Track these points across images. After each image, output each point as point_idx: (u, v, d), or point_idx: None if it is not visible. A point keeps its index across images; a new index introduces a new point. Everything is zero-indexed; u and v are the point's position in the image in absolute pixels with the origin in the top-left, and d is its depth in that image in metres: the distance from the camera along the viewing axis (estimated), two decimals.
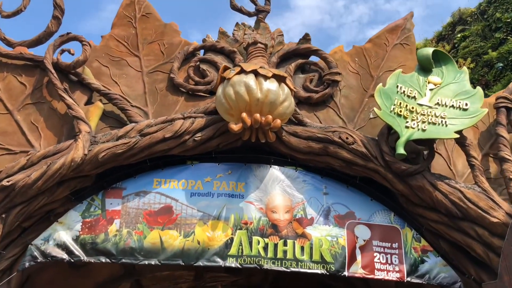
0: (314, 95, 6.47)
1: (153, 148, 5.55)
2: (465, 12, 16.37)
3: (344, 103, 6.58)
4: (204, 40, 6.94)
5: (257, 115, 5.35)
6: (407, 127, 5.58)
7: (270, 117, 5.40)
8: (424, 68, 6.07)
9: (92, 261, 5.21)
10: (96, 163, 5.35)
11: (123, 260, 5.22)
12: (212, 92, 6.24)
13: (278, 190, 5.77)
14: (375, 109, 5.72)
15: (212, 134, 5.69)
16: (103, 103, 6.12)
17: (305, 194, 5.79)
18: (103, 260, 5.21)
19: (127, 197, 5.57)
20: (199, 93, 6.41)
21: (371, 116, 6.45)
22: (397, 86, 5.85)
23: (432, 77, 5.99)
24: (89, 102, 6.14)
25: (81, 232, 5.31)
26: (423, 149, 5.93)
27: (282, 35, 7.03)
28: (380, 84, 5.91)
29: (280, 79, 5.65)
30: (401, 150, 5.36)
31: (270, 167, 5.90)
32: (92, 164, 5.34)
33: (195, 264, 5.27)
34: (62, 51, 6.19)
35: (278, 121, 5.44)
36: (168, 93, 6.42)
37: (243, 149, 5.99)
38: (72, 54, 6.15)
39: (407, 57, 6.97)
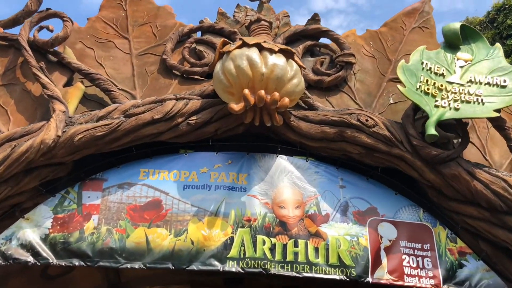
0: (326, 78, 5.68)
1: (140, 132, 4.71)
2: (474, 21, 15.81)
3: (359, 87, 5.80)
4: (201, 22, 6.23)
5: (262, 92, 4.54)
6: (437, 106, 4.78)
7: (277, 94, 4.59)
8: (451, 44, 5.32)
9: (63, 264, 4.30)
10: (72, 148, 4.51)
11: (101, 263, 4.31)
12: (210, 75, 5.44)
13: (287, 182, 4.91)
14: (398, 86, 4.92)
15: (209, 117, 4.87)
16: (86, 86, 5.33)
17: (318, 187, 4.92)
18: (76, 263, 4.30)
19: (109, 189, 4.71)
20: (195, 76, 5.64)
21: (391, 101, 5.65)
22: (422, 63, 5.09)
23: (461, 54, 5.24)
24: (69, 85, 5.34)
25: (51, 230, 4.42)
26: (452, 136, 5.10)
27: (288, 16, 6.32)
28: (403, 61, 5.13)
29: (288, 55, 4.88)
30: (432, 130, 4.54)
31: (277, 156, 5.05)
32: (66, 148, 4.50)
33: (187, 268, 4.35)
34: (40, 28, 5.46)
35: (287, 100, 4.62)
36: (159, 76, 5.65)
37: (245, 137, 5.16)
38: (51, 31, 5.42)
39: (427, 41, 6.21)
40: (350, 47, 5.88)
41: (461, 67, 5.13)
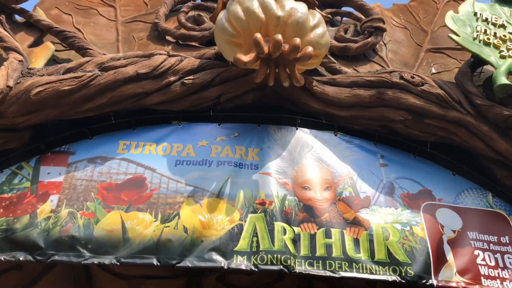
0: (352, 44, 4.67)
1: (120, 90, 3.61)
2: None
3: (393, 58, 4.79)
4: None
5: (278, 36, 3.47)
6: (503, 56, 3.73)
7: (297, 40, 3.52)
8: (505, 0, 4.36)
9: (2, 258, 3.02)
10: (27, 105, 3.39)
11: (56, 258, 3.05)
12: (211, 43, 4.42)
13: (311, 159, 3.74)
14: (451, 35, 3.89)
15: (209, 78, 3.79)
16: (58, 51, 4.29)
17: (353, 164, 3.76)
18: (21, 258, 3.05)
19: (76, 164, 3.53)
20: (192, 43, 4.61)
21: (433, 71, 4.61)
22: (475, 14, 4.09)
23: None
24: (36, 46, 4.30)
25: None
26: None
27: None
28: (451, 11, 4.14)
29: (309, 5, 3.88)
30: (503, 79, 3.47)
31: (297, 129, 3.91)
32: (19, 105, 3.37)
33: (178, 265, 3.07)
34: None
35: (310, 48, 3.56)
36: (149, 43, 4.64)
37: (254, 108, 4.04)
38: None
39: None
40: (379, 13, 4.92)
41: None
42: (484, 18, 4.08)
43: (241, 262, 3.14)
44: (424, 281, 3.19)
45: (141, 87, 3.65)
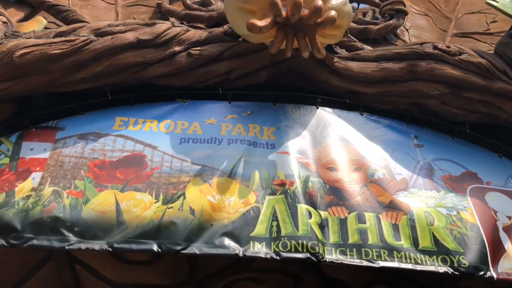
0: (373, 27, 4.29)
1: (118, 58, 3.16)
2: None
3: (417, 42, 4.35)
4: None
5: None
6: None
7: (319, 1, 3.11)
8: None
9: None
10: (9, 69, 2.93)
11: (35, 242, 2.51)
12: (218, 25, 4.01)
13: (335, 139, 3.26)
14: (489, 1, 3.49)
15: (218, 52, 3.36)
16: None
17: (383, 145, 3.28)
18: None
19: (64, 140, 3.04)
20: (198, 24, 4.21)
21: None
22: None
23: None
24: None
25: None
26: None
27: None
28: None
29: None
30: None
31: (317, 108, 3.44)
32: (0, 68, 2.90)
33: (184, 252, 2.52)
34: None
35: (333, 12, 3.13)
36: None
37: (268, 88, 3.59)
38: None
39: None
40: None
41: None
42: None
43: (259, 249, 2.60)
44: (481, 273, 2.63)
45: (141, 56, 3.21)
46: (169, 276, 3.76)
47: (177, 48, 3.30)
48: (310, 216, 2.77)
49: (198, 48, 3.34)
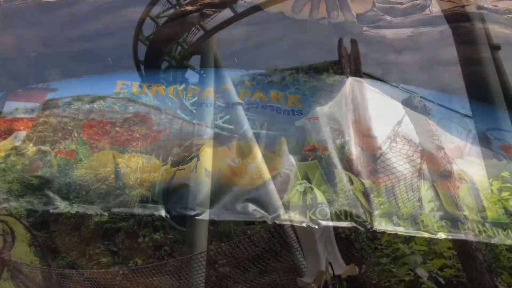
0: (399, 6, 3.92)
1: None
2: None
3: None
4: None
5: None
6: None
7: None
8: None
9: None
10: None
11: (13, 204, 1.99)
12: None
13: (372, 105, 2.82)
14: None
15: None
16: None
17: (427, 113, 2.82)
18: None
19: (55, 101, 2.60)
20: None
21: None
22: None
23: None
24: None
25: None
26: None
27: None
28: None
29: None
30: None
31: (347, 78, 3.03)
32: None
33: (199, 217, 2.02)
34: None
35: None
36: None
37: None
38: None
39: None
40: None
41: None
42: None
43: (291, 217, 2.08)
44: None
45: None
46: None
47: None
48: (352, 183, 2.27)
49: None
